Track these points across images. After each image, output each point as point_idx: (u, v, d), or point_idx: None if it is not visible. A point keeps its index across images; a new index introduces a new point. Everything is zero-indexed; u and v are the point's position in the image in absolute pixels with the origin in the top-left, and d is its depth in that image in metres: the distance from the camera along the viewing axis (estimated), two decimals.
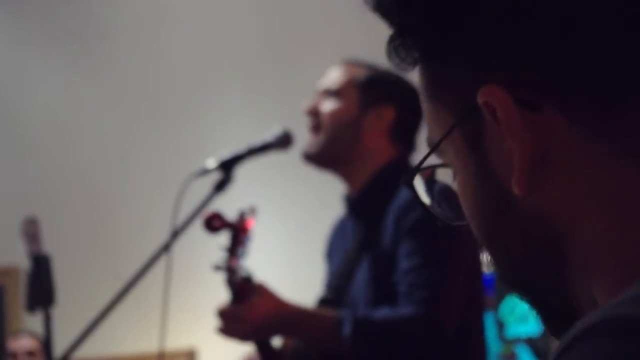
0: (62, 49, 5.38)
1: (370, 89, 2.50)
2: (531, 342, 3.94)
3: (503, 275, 0.79)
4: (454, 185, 0.80)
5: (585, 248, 0.71)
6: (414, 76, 0.83)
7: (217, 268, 2.36)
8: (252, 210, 2.41)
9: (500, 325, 3.99)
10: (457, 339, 2.31)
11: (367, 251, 2.41)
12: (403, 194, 2.38)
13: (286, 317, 2.27)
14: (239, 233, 2.37)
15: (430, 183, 0.82)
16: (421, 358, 2.29)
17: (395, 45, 0.79)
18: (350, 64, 2.56)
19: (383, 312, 2.27)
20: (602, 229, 0.70)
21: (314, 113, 2.51)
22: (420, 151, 2.59)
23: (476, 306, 2.43)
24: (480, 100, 0.73)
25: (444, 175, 0.83)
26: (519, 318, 3.93)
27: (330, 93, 2.51)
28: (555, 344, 0.64)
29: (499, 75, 0.73)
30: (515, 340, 3.97)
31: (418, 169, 0.81)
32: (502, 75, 0.73)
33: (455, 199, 0.81)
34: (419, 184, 0.82)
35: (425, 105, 0.80)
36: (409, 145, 2.53)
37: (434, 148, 0.79)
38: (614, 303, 0.64)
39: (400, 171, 2.46)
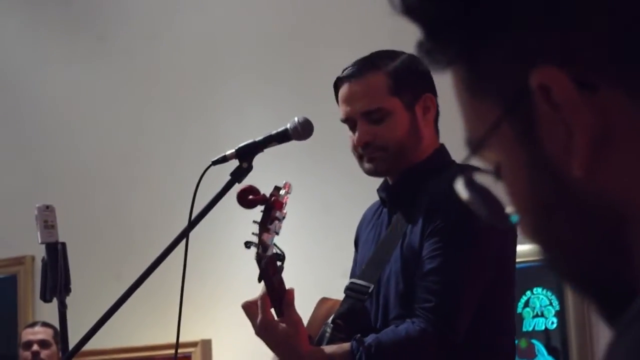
0: (77, 39, 5.38)
1: (404, 88, 2.44)
2: (547, 336, 3.93)
3: (556, 268, 0.76)
4: (497, 185, 0.77)
5: None
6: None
7: (248, 244, 2.31)
8: (287, 186, 2.35)
9: (518, 319, 3.99)
10: (478, 338, 2.32)
11: (399, 241, 2.40)
12: (435, 188, 2.35)
13: None
14: (272, 208, 2.31)
15: (475, 185, 0.79)
16: None
17: (427, 49, 0.76)
18: (365, 74, 2.45)
19: (392, 336, 2.28)
20: None
21: (370, 142, 2.43)
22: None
23: (506, 305, 2.43)
24: (534, 83, 0.70)
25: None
26: (536, 312, 3.92)
27: (372, 115, 2.42)
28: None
29: (550, 57, 0.70)
30: (532, 334, 3.95)
31: (470, 170, 0.78)
32: (554, 57, 0.70)
33: (495, 202, 0.78)
34: (466, 183, 0.78)
35: (463, 104, 0.77)
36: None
37: (480, 143, 0.75)
38: None
39: (441, 162, 2.44)
